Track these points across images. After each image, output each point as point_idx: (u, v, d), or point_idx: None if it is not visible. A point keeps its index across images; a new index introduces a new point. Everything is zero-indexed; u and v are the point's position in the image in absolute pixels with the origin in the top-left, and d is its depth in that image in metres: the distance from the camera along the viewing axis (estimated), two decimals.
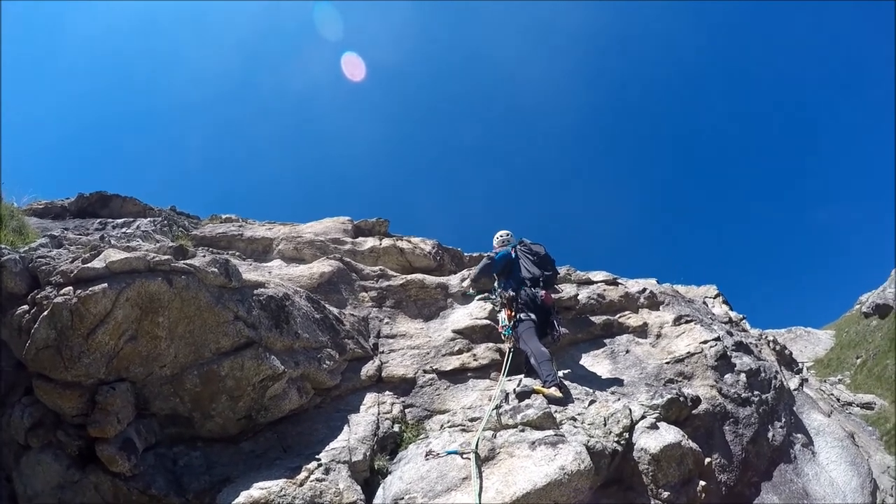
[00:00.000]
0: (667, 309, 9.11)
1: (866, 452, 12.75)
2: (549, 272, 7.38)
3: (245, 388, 5.19)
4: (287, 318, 5.94)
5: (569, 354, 7.87)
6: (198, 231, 9.49)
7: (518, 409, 5.44)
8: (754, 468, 6.92)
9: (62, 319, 4.56)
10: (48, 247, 6.50)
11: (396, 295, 8.33)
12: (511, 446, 4.90)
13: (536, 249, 7.59)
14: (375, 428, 5.64)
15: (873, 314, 24.54)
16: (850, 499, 7.45)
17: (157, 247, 6.20)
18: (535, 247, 7.67)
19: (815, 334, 25.30)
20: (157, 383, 4.99)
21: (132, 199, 10.02)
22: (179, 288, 4.99)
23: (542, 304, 6.99)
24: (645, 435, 5.51)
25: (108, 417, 4.61)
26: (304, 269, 8.03)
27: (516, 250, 7.66)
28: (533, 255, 7.49)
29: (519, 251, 7.62)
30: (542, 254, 7.54)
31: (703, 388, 7.09)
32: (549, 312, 7.08)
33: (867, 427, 17.75)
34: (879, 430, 17.68)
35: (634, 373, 7.29)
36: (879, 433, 17.47)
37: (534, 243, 7.78)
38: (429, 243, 10.23)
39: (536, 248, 7.61)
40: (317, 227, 10.09)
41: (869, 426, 17.98)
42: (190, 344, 5.08)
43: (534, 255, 7.48)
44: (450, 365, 6.97)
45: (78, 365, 4.56)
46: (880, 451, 14.83)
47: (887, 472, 12.32)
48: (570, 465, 4.56)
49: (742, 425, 7.07)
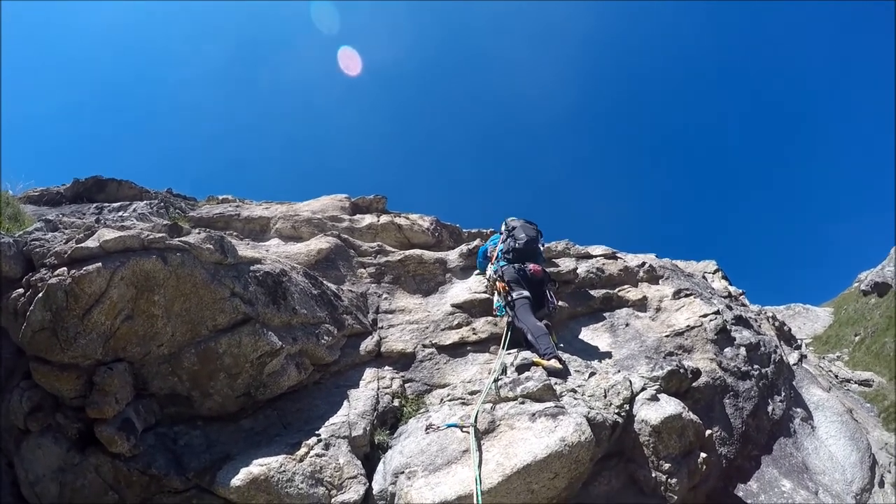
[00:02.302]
0: (666, 283, 9.09)
1: (865, 429, 12.80)
2: (522, 239, 7.42)
3: (243, 365, 5.16)
4: (284, 294, 5.90)
5: (568, 328, 7.85)
6: (195, 212, 9.44)
7: (518, 381, 5.41)
8: (754, 441, 6.93)
9: (57, 300, 4.52)
10: (43, 230, 6.47)
11: (395, 270, 8.31)
12: (511, 418, 4.87)
13: (515, 224, 7.77)
14: (375, 403, 5.63)
15: (872, 292, 24.59)
16: (850, 473, 7.47)
17: (151, 225, 6.14)
18: (515, 222, 7.84)
19: (814, 311, 25.36)
20: (154, 363, 4.97)
21: (128, 182, 9.95)
22: (175, 265, 4.96)
23: (532, 277, 7.01)
24: (645, 406, 5.49)
25: (107, 398, 4.60)
26: (301, 247, 8.00)
27: (505, 232, 7.79)
28: (510, 229, 7.67)
29: (507, 232, 7.74)
30: (519, 225, 7.70)
31: (702, 362, 7.07)
32: (543, 283, 7.10)
33: (865, 404, 17.84)
34: (877, 406, 17.77)
35: (634, 346, 7.27)
36: (877, 410, 17.56)
37: (525, 222, 7.89)
38: (427, 219, 10.19)
39: (515, 223, 7.79)
40: (314, 206, 10.05)
41: (867, 403, 18.06)
42: (187, 322, 5.05)
43: (511, 230, 7.64)
44: (449, 339, 6.96)
45: (74, 346, 4.53)
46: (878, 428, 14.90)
47: (885, 449, 12.38)
48: (570, 437, 4.53)
49: (742, 399, 7.06)
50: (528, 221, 7.89)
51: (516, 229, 7.62)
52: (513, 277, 6.98)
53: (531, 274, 7.07)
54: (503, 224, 8.31)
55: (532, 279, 7.04)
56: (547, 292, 7.07)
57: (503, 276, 7.07)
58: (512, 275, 7.01)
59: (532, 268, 7.13)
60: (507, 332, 6.64)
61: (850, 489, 7.19)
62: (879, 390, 18.82)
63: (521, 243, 7.38)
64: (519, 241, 7.41)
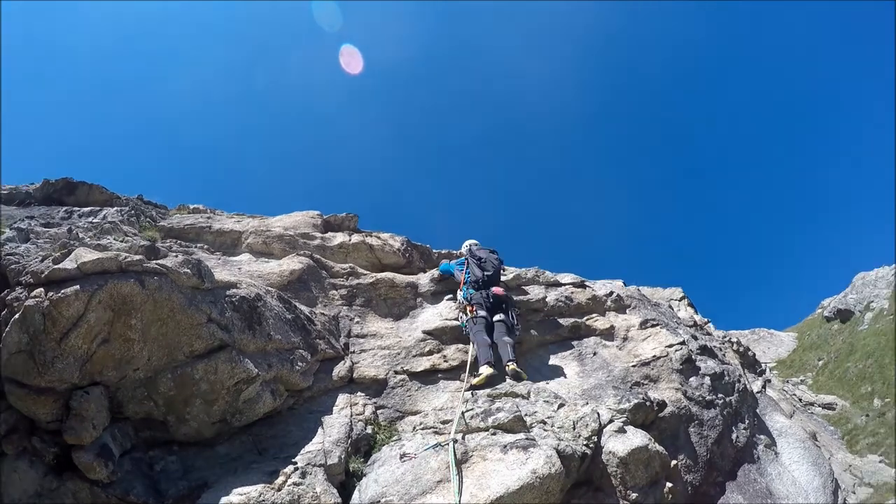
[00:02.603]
0: (633, 312, 9.26)
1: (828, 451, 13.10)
2: (489, 272, 8.13)
3: (219, 392, 5.16)
4: (259, 319, 5.92)
5: (537, 356, 7.98)
6: (165, 222, 9.31)
7: (489, 412, 5.50)
8: (719, 468, 7.10)
9: (34, 323, 4.49)
10: (15, 241, 6.40)
11: (366, 293, 8.35)
12: (483, 449, 4.96)
13: (481, 255, 8.47)
14: (349, 430, 5.66)
15: (835, 318, 25.22)
16: (813, 497, 7.66)
17: (128, 245, 6.13)
18: (480, 252, 8.57)
19: (779, 336, 25.94)
20: (130, 386, 4.94)
21: (98, 186, 9.76)
22: (152, 289, 4.93)
23: (495, 299, 7.70)
24: (613, 438, 5.63)
25: (84, 424, 4.55)
26: (274, 266, 7.98)
27: (468, 259, 8.47)
28: (477, 259, 8.29)
29: (469, 259, 8.43)
30: (486, 257, 8.41)
31: (668, 391, 7.24)
32: (505, 303, 7.73)
33: (829, 427, 18.25)
34: (841, 429, 18.18)
35: (602, 375, 7.40)
36: (841, 433, 17.97)
37: (481, 248, 8.77)
38: (398, 240, 10.23)
39: (481, 254, 8.49)
40: (286, 221, 10.02)
41: (830, 426, 18.48)
42: (163, 346, 5.03)
43: (477, 260, 8.28)
44: (420, 366, 7.03)
45: (51, 370, 4.49)
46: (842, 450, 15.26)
47: (849, 471, 12.70)
48: (541, 469, 4.64)
49: (707, 427, 7.24)
50: (490, 250, 8.65)
51: (483, 261, 8.27)
52: (479, 302, 7.57)
53: (494, 296, 7.72)
54: (465, 248, 9.19)
55: (496, 299, 7.70)
56: (510, 311, 7.68)
57: (471, 300, 7.64)
58: (478, 299, 7.60)
59: (495, 290, 7.83)
60: (471, 358, 6.98)
61: None
62: (843, 413, 19.27)
63: (487, 275, 8.07)
64: (486, 273, 8.07)
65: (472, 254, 8.52)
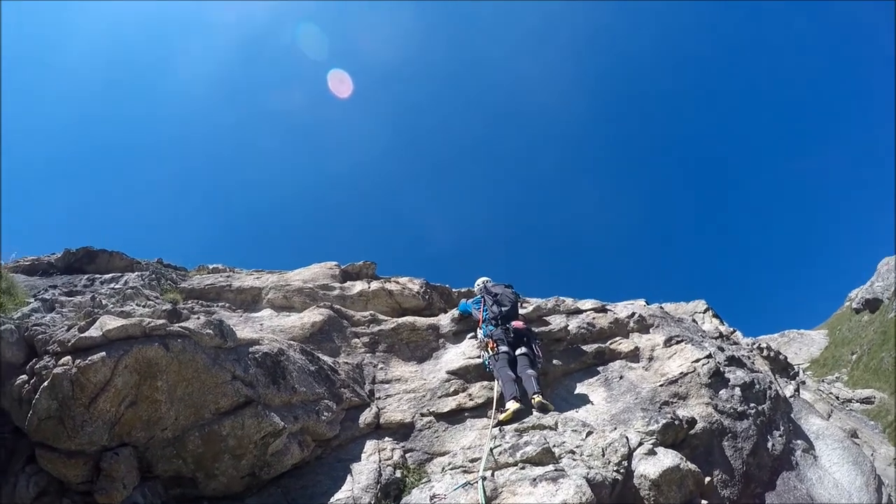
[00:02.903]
0: (657, 331, 9.23)
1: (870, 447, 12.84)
2: (507, 307, 8.19)
3: (247, 447, 5.23)
4: (283, 373, 6.01)
5: (563, 385, 7.97)
6: (186, 283, 9.49)
7: (517, 446, 5.50)
8: (757, 480, 7.00)
9: (63, 390, 4.60)
10: (41, 311, 6.55)
11: (388, 339, 8.39)
12: (513, 484, 4.94)
13: (496, 291, 8.60)
14: (378, 475, 5.68)
15: (864, 309, 24.80)
16: (856, 498, 7.53)
17: (150, 311, 6.25)
18: (495, 288, 8.71)
19: (809, 335, 25.51)
20: (159, 446, 5.02)
21: (118, 253, 10.03)
22: (176, 352, 5.05)
23: (516, 333, 7.69)
24: (643, 461, 5.59)
25: (114, 484, 4.64)
26: (295, 320, 8.07)
27: (484, 297, 8.58)
28: (493, 296, 8.46)
29: (485, 297, 8.53)
30: (501, 292, 8.52)
31: (698, 407, 7.19)
32: (525, 335, 7.71)
33: (869, 422, 17.93)
34: (881, 423, 17.86)
35: (630, 398, 7.36)
36: (882, 426, 17.65)
37: (495, 284, 8.93)
38: (416, 283, 10.34)
39: (496, 290, 8.62)
40: (305, 274, 10.14)
41: (871, 421, 18.15)
42: (189, 406, 5.12)
43: (493, 296, 8.44)
44: (446, 406, 7.03)
45: (81, 434, 4.59)
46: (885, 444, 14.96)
47: (893, 465, 12.40)
48: (571, 499, 4.61)
49: (740, 439, 7.16)
50: (506, 285, 8.80)
51: (499, 296, 8.36)
52: (499, 337, 7.58)
53: (515, 330, 7.72)
54: (479, 286, 9.34)
55: (517, 333, 7.68)
56: (532, 343, 7.63)
57: (492, 336, 7.66)
58: (499, 335, 7.62)
59: (515, 324, 7.84)
60: (497, 394, 6.96)
61: None
62: (882, 406, 18.93)
63: (504, 310, 8.12)
64: (503, 308, 8.13)
65: (488, 291, 8.63)
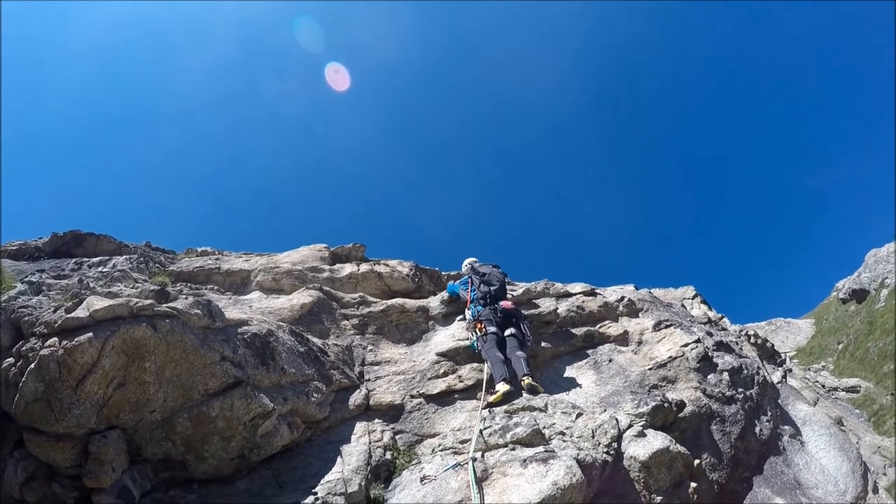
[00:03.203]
0: (646, 315, 9.26)
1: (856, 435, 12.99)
2: (495, 286, 8.19)
3: (236, 428, 5.20)
4: (272, 354, 5.97)
5: (553, 368, 7.99)
6: (174, 266, 9.40)
7: (507, 427, 5.51)
8: (744, 464, 7.05)
9: (50, 372, 4.55)
10: (27, 294, 6.49)
11: (378, 321, 8.37)
12: (503, 465, 4.95)
13: (484, 270, 8.59)
14: (368, 457, 5.66)
15: (850, 299, 25.04)
16: (842, 483, 7.60)
17: (138, 291, 6.18)
18: (483, 268, 8.71)
19: (796, 324, 25.72)
20: (148, 428, 4.98)
21: (106, 237, 9.94)
22: (164, 332, 5.00)
23: (504, 313, 7.69)
24: (633, 443, 5.62)
25: (103, 467, 4.61)
26: (284, 302, 8.03)
27: (471, 277, 8.56)
28: (480, 275, 8.39)
29: (473, 277, 8.52)
30: (489, 272, 8.52)
31: (687, 391, 7.22)
32: (514, 315, 7.72)
33: (854, 410, 18.14)
34: (867, 412, 18.06)
35: (619, 381, 7.39)
36: (867, 415, 17.85)
37: (483, 265, 8.92)
38: (406, 265, 10.29)
39: (484, 270, 8.62)
40: (294, 257, 10.08)
41: (856, 409, 18.36)
42: (178, 387, 5.08)
43: (481, 276, 8.37)
44: (436, 388, 7.01)
45: (68, 416, 4.55)
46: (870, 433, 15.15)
47: (878, 452, 12.58)
48: (562, 480, 4.63)
49: (729, 423, 7.20)
50: (493, 265, 8.77)
51: (487, 276, 8.35)
52: (487, 318, 7.58)
53: (503, 310, 7.72)
54: (466, 266, 9.40)
55: (505, 313, 7.69)
56: (521, 324, 7.63)
57: (480, 317, 7.66)
58: (487, 315, 7.62)
59: (503, 304, 7.84)
60: (487, 376, 6.95)
61: (844, 499, 7.32)
62: (867, 395, 19.15)
63: (493, 289, 8.09)
64: (492, 287, 8.11)
65: (475, 271, 8.62)
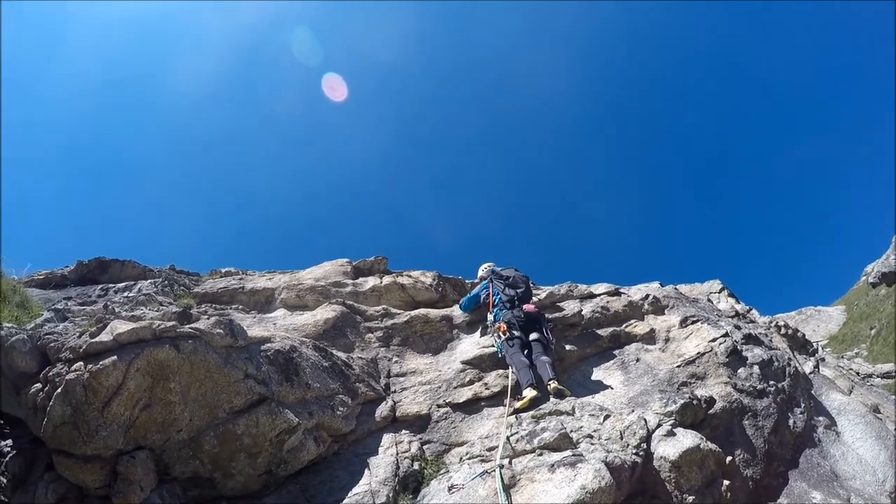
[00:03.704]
0: (672, 312, 9.16)
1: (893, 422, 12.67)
2: (521, 288, 8.19)
3: (262, 444, 5.23)
4: (296, 370, 6.00)
5: (580, 370, 7.91)
6: (199, 288, 9.51)
7: (534, 433, 5.45)
8: (779, 458, 6.92)
9: (76, 395, 4.63)
10: (53, 321, 6.58)
11: (402, 332, 8.36)
12: (531, 471, 4.90)
13: (507, 274, 8.57)
14: (395, 468, 5.65)
15: (880, 283, 24.50)
16: (881, 473, 7.42)
17: (161, 313, 6.26)
18: (504, 272, 8.66)
19: (826, 312, 25.24)
20: (175, 448, 5.03)
21: (131, 262, 10.10)
22: (187, 353, 5.06)
23: (528, 317, 7.65)
24: (663, 443, 5.54)
25: (132, 487, 4.66)
26: (308, 318, 8.05)
27: (492, 282, 8.51)
28: (504, 279, 8.36)
29: (494, 281, 8.47)
30: (512, 276, 8.49)
31: (717, 387, 7.11)
32: (538, 321, 7.65)
33: (891, 397, 17.68)
34: None
35: (647, 381, 7.30)
36: None
37: (504, 269, 8.87)
38: (429, 276, 10.27)
39: (506, 273, 8.59)
40: (317, 273, 10.11)
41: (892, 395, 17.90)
42: (203, 406, 5.13)
43: (504, 279, 8.35)
44: (462, 396, 6.98)
45: (96, 438, 4.62)
46: None
47: None
48: (590, 484, 4.57)
49: (761, 417, 7.08)
50: (514, 269, 8.72)
51: (511, 279, 8.31)
52: (511, 321, 7.53)
53: (526, 313, 7.68)
54: (485, 270, 9.36)
55: (528, 317, 7.64)
56: (544, 328, 7.58)
57: (504, 320, 7.62)
58: (510, 319, 7.57)
59: (526, 308, 7.77)
60: (512, 382, 6.89)
61: (883, 489, 7.13)
62: None
63: (520, 291, 8.05)
64: (518, 290, 8.07)
65: (497, 275, 8.58)
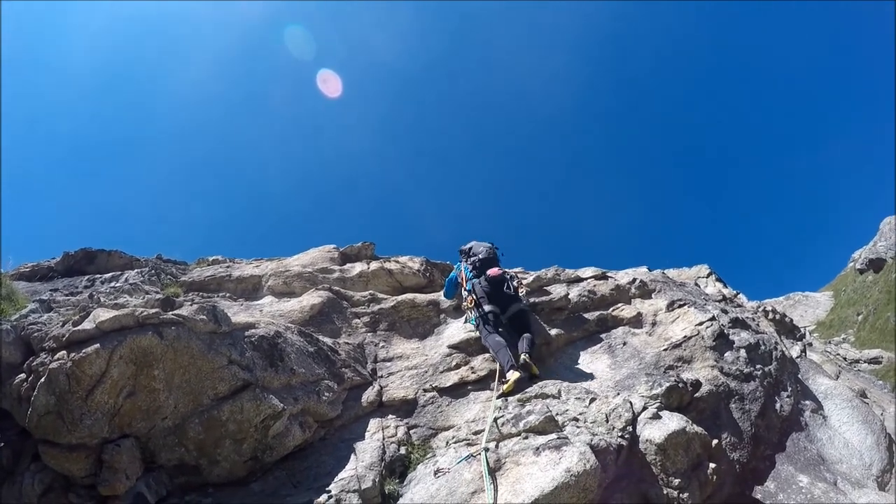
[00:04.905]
0: (659, 296, 9.17)
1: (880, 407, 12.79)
2: (481, 253, 8.15)
3: (247, 430, 5.20)
4: (281, 355, 5.96)
5: (567, 354, 7.91)
6: (186, 277, 9.47)
7: (520, 416, 5.45)
8: (766, 441, 6.95)
9: (59, 384, 4.59)
10: (38, 312, 6.55)
11: (389, 317, 8.35)
12: (516, 455, 4.90)
13: (471, 245, 8.59)
14: (382, 453, 5.63)
15: (868, 269, 24.67)
16: (868, 457, 7.47)
17: (144, 300, 6.23)
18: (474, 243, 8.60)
19: (814, 297, 25.41)
20: (160, 435, 5.01)
21: (117, 252, 10.04)
22: (171, 339, 5.03)
23: (492, 280, 7.67)
24: (648, 426, 5.55)
25: (117, 475, 4.64)
26: (294, 304, 8.02)
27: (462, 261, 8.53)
28: (468, 248, 8.43)
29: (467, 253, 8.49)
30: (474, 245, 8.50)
31: (703, 370, 7.14)
32: (503, 282, 7.70)
33: (877, 382, 17.91)
34: (890, 383, 17.80)
35: (634, 364, 7.32)
36: (890, 386, 17.59)
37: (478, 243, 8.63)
38: (416, 261, 10.26)
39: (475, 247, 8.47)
40: (304, 259, 10.09)
41: (879, 381, 18.12)
42: (188, 393, 5.10)
43: (469, 249, 8.40)
44: (449, 381, 6.97)
45: (80, 427, 4.59)
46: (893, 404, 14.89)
47: None
48: (575, 467, 4.57)
49: (748, 401, 7.11)
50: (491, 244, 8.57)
51: (473, 247, 8.34)
52: (479, 291, 7.57)
53: (490, 278, 7.66)
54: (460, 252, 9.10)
55: (492, 281, 7.66)
56: (510, 285, 7.68)
57: (472, 290, 7.65)
58: (478, 288, 7.60)
59: (490, 272, 7.72)
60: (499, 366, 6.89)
61: (869, 472, 7.18)
62: (890, 366, 18.91)
63: (480, 257, 8.02)
64: (479, 254, 8.06)
65: (466, 252, 8.61)
